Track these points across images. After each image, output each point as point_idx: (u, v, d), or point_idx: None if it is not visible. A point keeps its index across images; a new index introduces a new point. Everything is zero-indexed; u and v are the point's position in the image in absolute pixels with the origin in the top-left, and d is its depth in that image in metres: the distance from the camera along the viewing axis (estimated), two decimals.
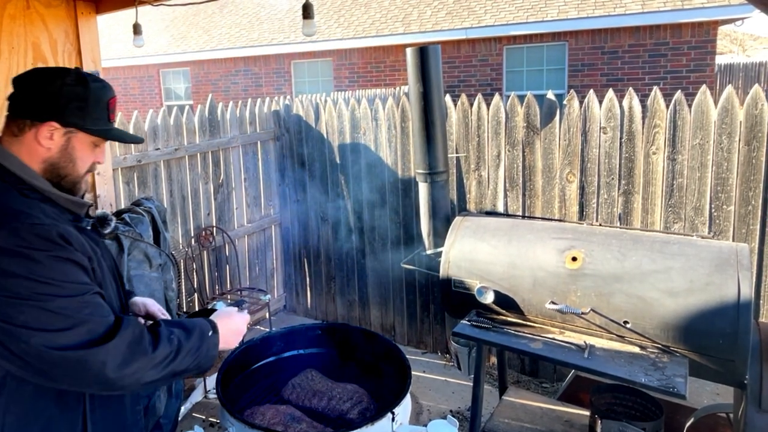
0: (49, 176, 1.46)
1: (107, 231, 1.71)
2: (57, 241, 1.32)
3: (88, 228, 1.57)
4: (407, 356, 2.59)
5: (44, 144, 1.44)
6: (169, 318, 1.85)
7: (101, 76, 3.39)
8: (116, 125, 1.69)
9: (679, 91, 3.40)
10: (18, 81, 1.47)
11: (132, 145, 3.67)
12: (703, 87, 3.22)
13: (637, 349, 2.27)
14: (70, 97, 1.45)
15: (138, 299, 1.90)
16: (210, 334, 1.58)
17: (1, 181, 1.40)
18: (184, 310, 4.15)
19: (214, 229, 4.36)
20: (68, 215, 1.49)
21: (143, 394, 1.83)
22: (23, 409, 1.40)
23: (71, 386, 1.36)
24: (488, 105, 3.83)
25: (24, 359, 1.28)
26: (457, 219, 2.90)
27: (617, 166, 3.48)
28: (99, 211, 1.73)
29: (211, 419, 3.60)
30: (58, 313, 1.28)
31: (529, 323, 2.54)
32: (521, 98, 3.72)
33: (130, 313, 1.79)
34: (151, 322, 1.88)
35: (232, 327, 1.69)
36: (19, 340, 1.26)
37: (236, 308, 1.81)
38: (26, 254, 1.28)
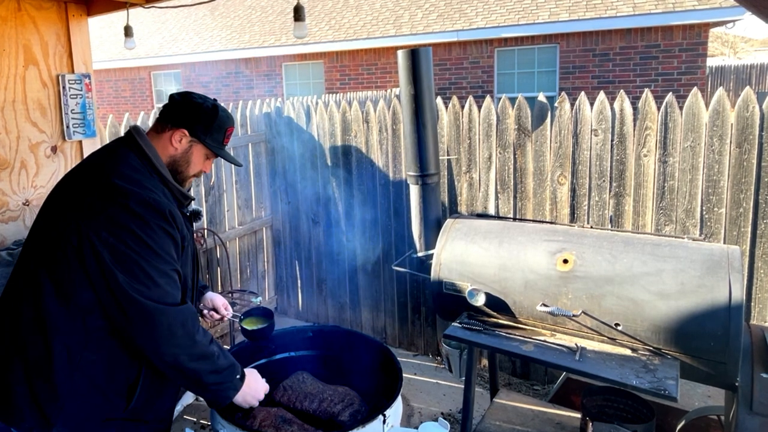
0: (169, 169, 1.89)
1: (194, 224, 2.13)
2: (167, 217, 1.72)
3: (187, 214, 1.98)
4: (398, 358, 2.59)
5: (174, 144, 1.90)
6: (231, 314, 2.39)
7: (92, 79, 3.40)
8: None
9: (671, 93, 3.41)
10: (172, 96, 1.94)
11: None
12: (694, 89, 3.23)
13: (628, 352, 2.27)
14: (202, 117, 1.90)
15: (209, 294, 2.36)
16: (238, 377, 1.88)
17: (140, 161, 1.82)
18: None
19: (205, 231, 4.34)
20: (175, 201, 1.88)
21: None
22: (101, 355, 1.72)
23: (137, 334, 1.66)
24: (479, 107, 3.83)
25: (114, 294, 1.63)
26: (448, 221, 2.89)
27: (608, 169, 3.48)
28: (193, 207, 2.16)
29: (202, 421, 3.58)
30: (144, 269, 1.65)
31: (520, 325, 2.54)
32: (512, 100, 3.73)
33: (200, 303, 2.27)
34: (217, 315, 2.36)
35: (253, 389, 1.98)
36: (114, 275, 1.62)
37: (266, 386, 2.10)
38: (146, 219, 1.67)
